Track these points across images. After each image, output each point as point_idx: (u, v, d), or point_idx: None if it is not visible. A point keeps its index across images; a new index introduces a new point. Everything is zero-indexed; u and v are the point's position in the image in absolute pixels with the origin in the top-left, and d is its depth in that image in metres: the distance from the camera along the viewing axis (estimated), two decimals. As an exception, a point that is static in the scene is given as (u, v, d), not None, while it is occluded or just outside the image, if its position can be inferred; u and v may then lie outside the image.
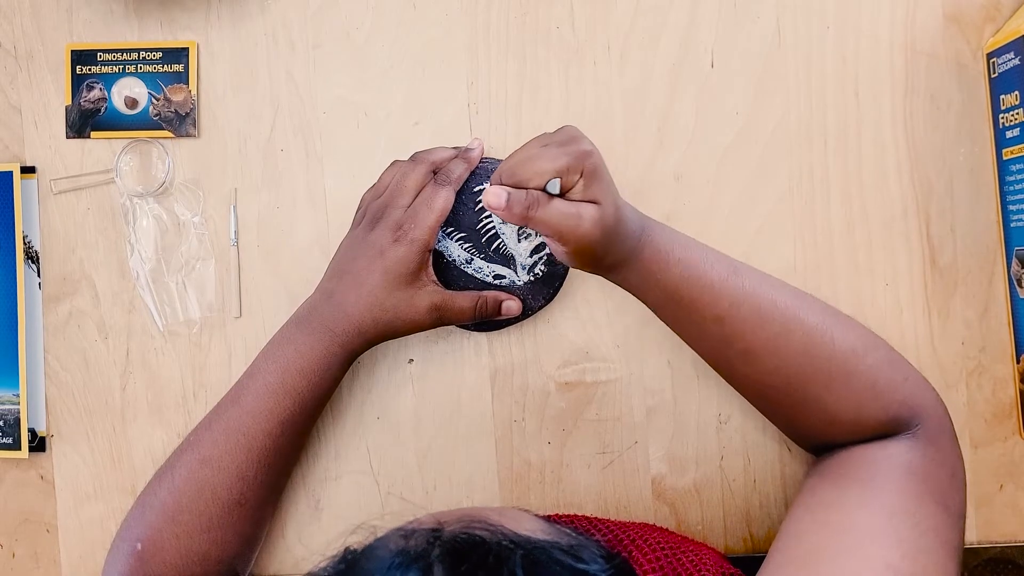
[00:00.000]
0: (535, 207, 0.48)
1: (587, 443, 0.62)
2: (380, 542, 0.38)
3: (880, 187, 0.61)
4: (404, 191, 0.57)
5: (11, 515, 0.64)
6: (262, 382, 0.56)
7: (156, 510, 0.55)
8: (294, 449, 0.59)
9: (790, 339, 0.53)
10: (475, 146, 0.59)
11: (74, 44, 0.64)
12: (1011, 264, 0.59)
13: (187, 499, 0.55)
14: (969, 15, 0.60)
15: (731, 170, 0.61)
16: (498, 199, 0.48)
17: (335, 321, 0.56)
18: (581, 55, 0.62)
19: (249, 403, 0.56)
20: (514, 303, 0.59)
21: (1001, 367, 0.60)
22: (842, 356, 0.52)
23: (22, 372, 0.63)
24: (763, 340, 0.53)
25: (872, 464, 0.51)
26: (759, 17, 0.61)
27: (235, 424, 0.55)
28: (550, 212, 0.49)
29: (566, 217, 0.49)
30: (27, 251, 0.64)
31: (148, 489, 0.57)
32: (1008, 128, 0.58)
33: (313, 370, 0.56)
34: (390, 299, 0.55)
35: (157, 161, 0.64)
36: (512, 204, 0.48)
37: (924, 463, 0.50)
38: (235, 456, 0.55)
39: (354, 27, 0.63)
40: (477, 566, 0.35)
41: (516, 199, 0.48)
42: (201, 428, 0.57)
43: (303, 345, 0.56)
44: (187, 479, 0.55)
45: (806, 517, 0.50)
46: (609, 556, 0.39)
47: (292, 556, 0.63)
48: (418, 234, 0.55)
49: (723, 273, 0.53)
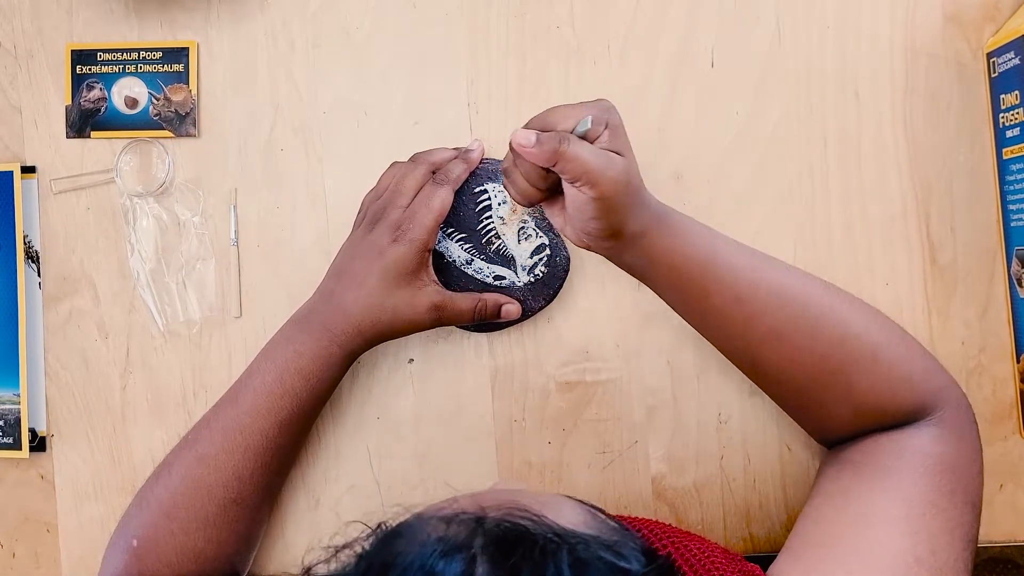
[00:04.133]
0: (566, 142, 0.48)
1: (587, 443, 0.62)
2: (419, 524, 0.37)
3: (880, 187, 0.61)
4: (403, 191, 0.57)
5: (11, 515, 0.64)
6: (260, 382, 0.56)
7: (153, 507, 0.55)
8: (292, 449, 0.59)
9: (813, 320, 0.52)
10: (475, 147, 0.60)
11: (74, 44, 0.64)
12: (1011, 264, 0.59)
13: (183, 497, 0.55)
14: (969, 15, 0.60)
15: (731, 170, 0.61)
16: (527, 138, 0.48)
17: (334, 322, 0.56)
18: (581, 55, 0.62)
19: (247, 402, 0.56)
20: (513, 307, 0.59)
21: (1001, 367, 0.60)
22: (868, 339, 0.52)
23: (22, 372, 0.63)
24: (785, 321, 0.52)
25: (898, 453, 0.50)
26: (759, 17, 0.61)
27: (233, 423, 0.55)
28: (582, 152, 0.48)
29: (599, 160, 0.48)
30: (27, 251, 0.64)
31: (146, 486, 0.57)
32: (1008, 128, 0.58)
33: (311, 370, 0.56)
34: (390, 299, 0.55)
35: (157, 161, 0.64)
36: (543, 140, 0.48)
37: (954, 456, 0.50)
38: (232, 455, 0.55)
39: (354, 27, 0.63)
40: (523, 560, 0.34)
41: (548, 137, 0.48)
42: (200, 426, 0.57)
43: (302, 345, 0.56)
44: (184, 477, 0.55)
45: (826, 504, 0.49)
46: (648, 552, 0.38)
47: (292, 555, 0.63)
48: (417, 234, 0.55)
49: (740, 254, 0.54)
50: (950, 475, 0.49)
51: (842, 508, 0.48)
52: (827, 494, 0.50)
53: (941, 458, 0.49)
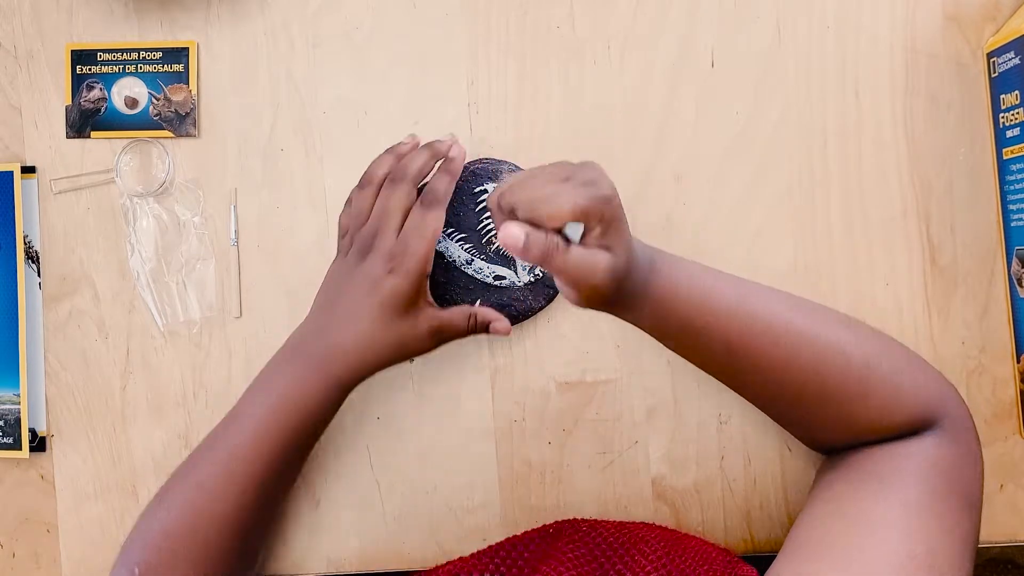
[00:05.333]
0: (554, 254, 0.45)
1: (587, 443, 0.62)
2: None
3: (880, 187, 0.61)
4: (391, 215, 0.55)
5: (11, 515, 0.64)
6: (257, 411, 0.56)
7: (154, 535, 0.55)
8: (290, 475, 0.59)
9: (802, 363, 0.51)
10: (455, 153, 0.58)
11: (74, 44, 0.64)
12: (1011, 264, 0.59)
13: (185, 525, 0.54)
14: (969, 15, 0.60)
15: (731, 170, 0.61)
16: (516, 240, 0.45)
17: (330, 360, 0.55)
18: (581, 55, 0.62)
19: (244, 431, 0.55)
20: (502, 324, 0.58)
21: (1001, 367, 0.60)
22: (857, 371, 0.51)
23: (22, 372, 0.63)
24: (774, 361, 0.51)
25: (894, 461, 0.50)
26: (759, 17, 0.61)
27: (232, 452, 0.55)
28: (568, 261, 0.46)
29: (581, 267, 0.46)
30: (27, 251, 0.64)
31: (146, 513, 0.56)
32: (1008, 128, 0.58)
33: (307, 405, 0.55)
34: (391, 334, 0.54)
35: (157, 161, 0.64)
36: (531, 246, 0.45)
37: (951, 460, 0.50)
38: (233, 484, 0.55)
39: (354, 27, 0.63)
40: None
41: (535, 242, 0.45)
42: (198, 455, 0.57)
43: (296, 379, 0.55)
44: (184, 505, 0.55)
45: (820, 508, 0.49)
46: None
47: (292, 556, 0.63)
48: (412, 264, 0.54)
49: (732, 299, 0.52)
50: (947, 478, 0.49)
51: (839, 512, 0.48)
52: (824, 499, 0.50)
53: (938, 461, 0.49)
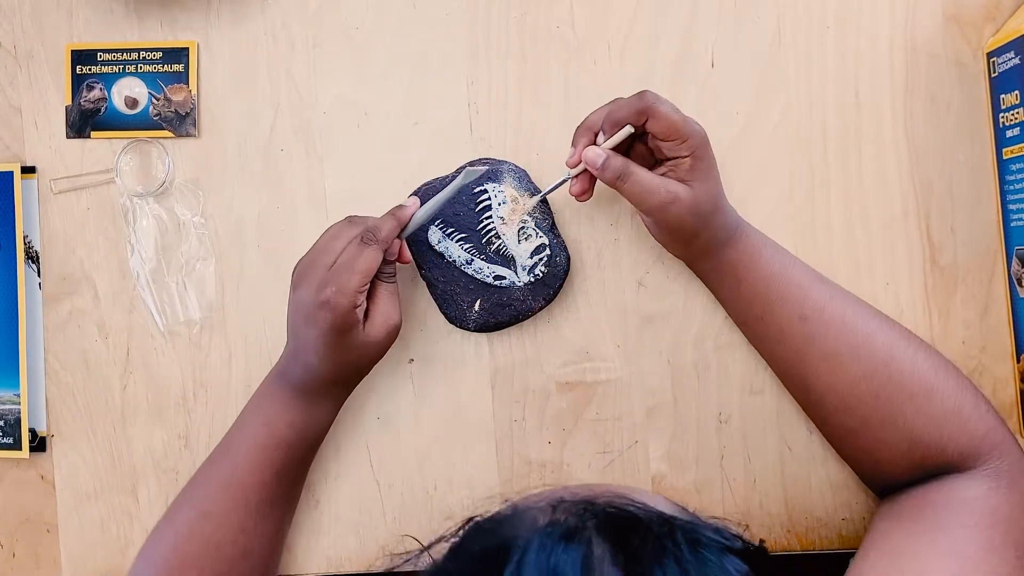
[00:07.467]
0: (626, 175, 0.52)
1: (587, 443, 0.62)
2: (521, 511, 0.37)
3: (880, 187, 0.61)
4: (328, 251, 0.54)
5: (11, 515, 0.64)
6: (251, 435, 0.56)
7: (160, 566, 0.55)
8: (291, 496, 0.59)
9: (874, 347, 0.52)
10: (408, 202, 0.57)
11: (74, 44, 0.64)
12: (1011, 264, 0.59)
13: (191, 555, 0.54)
14: (969, 15, 0.60)
15: (731, 170, 0.61)
16: (595, 159, 0.52)
17: (306, 382, 0.56)
18: (581, 55, 0.62)
19: (241, 456, 0.56)
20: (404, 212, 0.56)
21: (1001, 367, 0.60)
22: (925, 373, 0.52)
23: (22, 372, 0.63)
24: (847, 345, 0.53)
25: (950, 507, 0.49)
26: (759, 17, 0.61)
27: (231, 479, 0.55)
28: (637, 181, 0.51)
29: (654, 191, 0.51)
30: (27, 251, 0.64)
31: (149, 544, 0.56)
32: (1008, 128, 0.58)
33: (300, 422, 0.56)
34: (344, 354, 0.54)
35: (157, 161, 0.64)
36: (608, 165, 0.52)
37: (1008, 509, 0.49)
38: (235, 510, 0.55)
39: (354, 27, 0.63)
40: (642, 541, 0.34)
41: (613, 163, 0.52)
42: (197, 483, 0.57)
43: (285, 400, 0.56)
44: (190, 535, 0.55)
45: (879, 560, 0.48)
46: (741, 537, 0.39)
47: (292, 556, 0.63)
48: (340, 300, 0.52)
49: (809, 277, 0.55)
50: (1004, 528, 0.48)
51: (895, 566, 0.47)
52: (880, 551, 0.49)
53: (995, 512, 0.49)
